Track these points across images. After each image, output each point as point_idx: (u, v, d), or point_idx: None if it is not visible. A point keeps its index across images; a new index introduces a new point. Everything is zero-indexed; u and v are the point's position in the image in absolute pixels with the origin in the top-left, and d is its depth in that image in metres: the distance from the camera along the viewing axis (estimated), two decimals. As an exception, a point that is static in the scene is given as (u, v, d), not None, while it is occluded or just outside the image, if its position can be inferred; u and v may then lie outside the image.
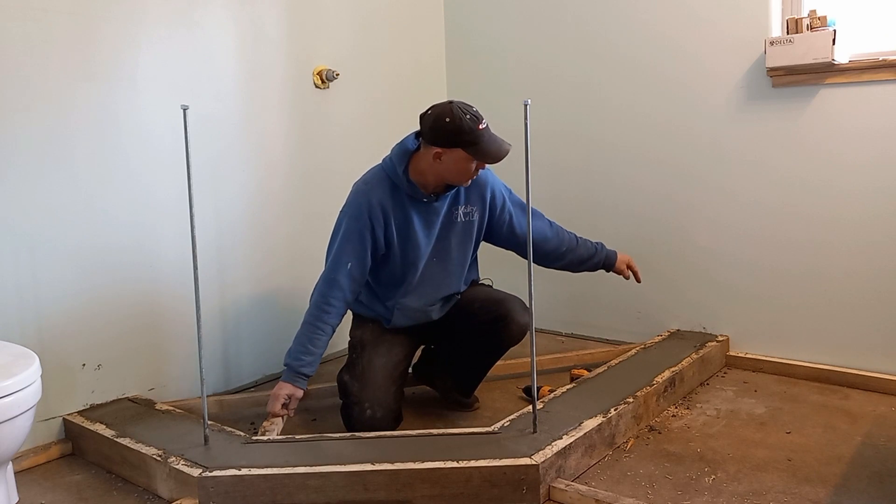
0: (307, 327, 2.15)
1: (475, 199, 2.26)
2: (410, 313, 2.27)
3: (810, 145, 2.56)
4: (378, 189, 2.19)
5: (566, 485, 1.79)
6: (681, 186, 2.85)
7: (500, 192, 2.31)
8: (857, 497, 1.78)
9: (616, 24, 2.95)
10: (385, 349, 2.24)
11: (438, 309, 2.30)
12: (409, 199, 2.19)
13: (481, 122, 2.07)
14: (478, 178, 2.22)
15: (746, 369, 2.71)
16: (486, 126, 2.08)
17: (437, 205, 2.21)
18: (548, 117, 3.11)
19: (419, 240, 2.21)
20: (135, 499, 1.90)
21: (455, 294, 2.32)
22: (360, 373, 2.20)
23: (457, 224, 2.25)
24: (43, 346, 2.12)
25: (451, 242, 2.26)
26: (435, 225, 2.23)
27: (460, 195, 2.24)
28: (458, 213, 2.24)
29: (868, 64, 2.42)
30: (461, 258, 2.29)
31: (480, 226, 2.30)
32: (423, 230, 2.22)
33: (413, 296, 2.26)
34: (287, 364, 2.14)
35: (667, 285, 2.93)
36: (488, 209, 2.28)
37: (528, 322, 2.26)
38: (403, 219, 2.20)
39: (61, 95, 2.16)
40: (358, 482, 1.75)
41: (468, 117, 2.05)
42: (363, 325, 2.33)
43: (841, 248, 2.54)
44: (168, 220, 2.43)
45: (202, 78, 2.52)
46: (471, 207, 2.26)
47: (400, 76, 3.24)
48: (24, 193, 2.10)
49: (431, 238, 2.23)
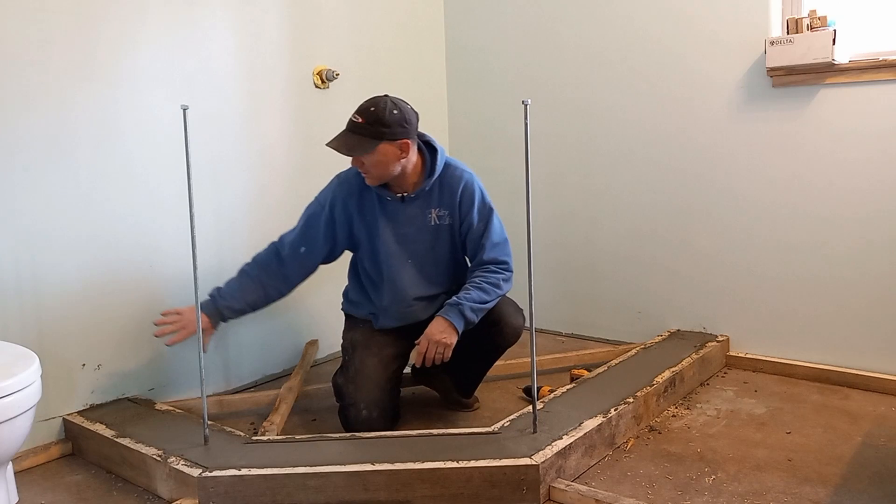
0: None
1: (447, 202, 2.23)
2: (393, 313, 2.27)
3: (810, 145, 2.56)
4: (347, 186, 2.24)
5: (566, 485, 1.79)
6: (681, 186, 2.85)
7: (468, 200, 2.22)
8: (857, 497, 1.78)
9: (615, 25, 2.95)
10: (377, 349, 2.24)
11: (423, 309, 2.27)
12: (378, 199, 2.22)
13: (356, 113, 2.09)
14: (450, 182, 2.21)
15: (746, 369, 2.71)
16: (357, 119, 2.08)
17: (408, 206, 2.21)
18: (547, 118, 3.11)
19: (387, 239, 2.22)
20: (135, 499, 1.90)
21: (440, 294, 2.28)
22: (354, 374, 2.20)
23: (430, 226, 2.23)
24: (43, 346, 2.12)
25: (426, 245, 2.24)
26: (406, 226, 2.22)
27: (433, 198, 2.22)
28: (433, 216, 2.22)
29: (868, 64, 2.42)
30: (440, 260, 2.27)
31: (455, 229, 2.25)
32: (393, 230, 2.22)
33: (390, 295, 2.26)
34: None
35: (667, 285, 2.93)
36: (458, 213, 2.23)
37: (521, 324, 2.27)
38: (372, 218, 2.22)
39: (61, 95, 2.16)
40: (358, 482, 1.75)
41: (361, 104, 2.10)
42: (354, 327, 2.34)
43: (841, 248, 2.54)
44: (168, 220, 2.43)
45: (202, 78, 2.52)
46: (444, 211, 2.23)
47: (400, 76, 3.24)
48: (24, 193, 2.10)
49: (403, 239, 2.23)
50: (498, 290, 2.17)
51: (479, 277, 2.17)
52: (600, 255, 3.10)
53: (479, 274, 2.18)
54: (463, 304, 2.10)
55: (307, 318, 2.91)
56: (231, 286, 2.24)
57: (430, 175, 2.19)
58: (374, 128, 2.06)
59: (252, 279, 2.24)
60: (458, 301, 2.11)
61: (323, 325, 2.92)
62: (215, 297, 2.21)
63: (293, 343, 2.88)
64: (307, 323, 2.92)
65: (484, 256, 2.20)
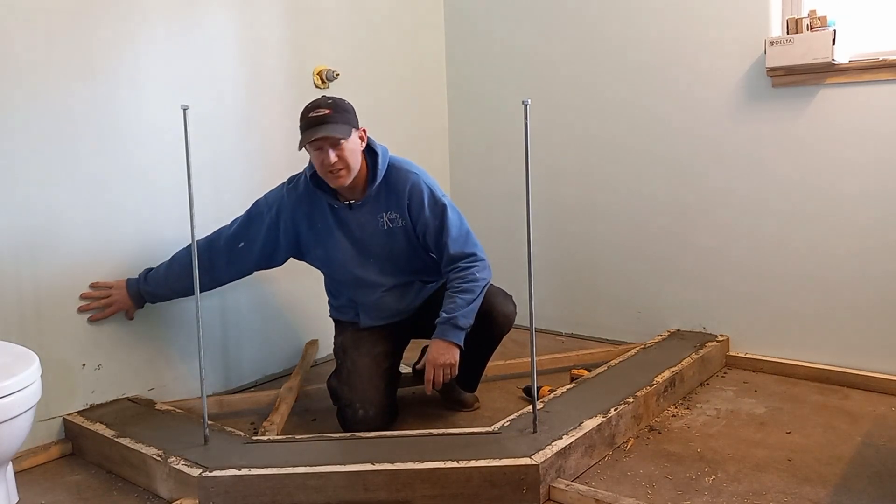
0: None
1: (395, 205, 2.20)
2: (370, 309, 2.28)
3: (810, 145, 2.56)
4: (296, 194, 2.24)
5: (566, 485, 1.79)
6: (680, 187, 2.85)
7: (417, 201, 2.18)
8: (857, 497, 1.78)
9: (615, 25, 2.95)
10: (367, 349, 2.24)
11: (398, 298, 2.26)
12: (329, 208, 2.22)
13: (318, 108, 2.05)
14: (396, 185, 2.18)
15: (746, 369, 2.71)
16: (323, 112, 2.04)
17: (357, 212, 2.20)
18: (547, 118, 3.12)
19: (344, 246, 2.22)
20: (135, 499, 1.90)
21: (413, 281, 2.28)
22: (347, 376, 2.20)
23: (383, 230, 2.22)
24: (43, 346, 2.12)
25: (383, 247, 2.23)
26: (359, 231, 2.21)
27: (381, 201, 2.20)
28: (384, 220, 2.21)
29: (868, 64, 2.42)
30: (402, 256, 2.25)
31: (409, 230, 2.22)
32: (348, 236, 2.22)
33: (360, 292, 2.28)
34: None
35: (667, 285, 2.93)
36: (409, 216, 2.21)
37: (513, 311, 2.28)
38: (325, 226, 2.23)
39: (61, 96, 2.16)
40: (358, 482, 1.75)
41: (310, 104, 2.08)
42: (343, 330, 2.35)
43: (841, 249, 2.54)
44: (168, 220, 2.43)
45: (202, 78, 2.52)
46: (394, 213, 2.20)
47: (400, 76, 3.24)
48: (24, 193, 2.10)
49: (360, 244, 2.23)
50: (477, 283, 2.15)
51: (455, 281, 2.15)
52: (600, 254, 3.10)
53: (453, 277, 2.17)
54: (454, 317, 2.09)
55: (307, 318, 2.91)
56: (159, 272, 2.28)
57: (374, 179, 2.17)
58: (343, 115, 2.07)
59: (182, 267, 2.22)
60: (448, 316, 2.10)
61: (323, 325, 2.91)
62: (140, 281, 2.26)
63: (293, 343, 2.89)
64: (307, 323, 2.92)
65: (450, 252, 2.18)
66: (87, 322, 2.22)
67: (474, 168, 3.43)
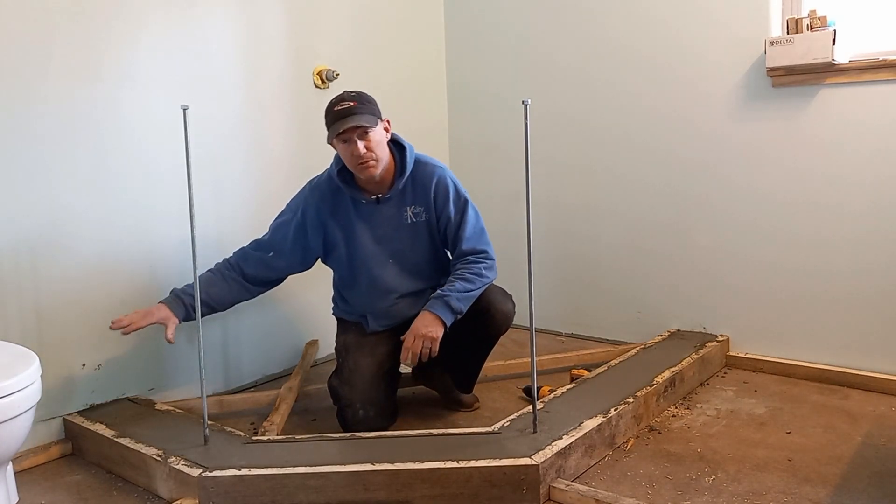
0: None
1: (421, 199, 2.22)
2: (380, 314, 2.27)
3: (810, 145, 2.56)
4: (319, 192, 2.24)
5: (566, 485, 1.79)
6: (680, 187, 2.85)
7: (442, 195, 2.22)
8: (857, 497, 1.78)
9: (615, 25, 2.94)
10: (369, 349, 2.24)
11: (409, 305, 2.26)
12: (352, 203, 2.21)
13: (342, 101, 2.07)
14: (423, 179, 2.20)
15: (746, 369, 2.71)
16: (348, 105, 2.06)
17: (383, 206, 2.21)
18: (547, 116, 3.11)
19: (365, 241, 2.22)
20: (135, 499, 1.90)
21: (426, 288, 2.27)
22: (348, 376, 2.20)
23: (408, 225, 2.23)
24: (43, 346, 2.12)
25: (405, 243, 2.24)
26: (383, 227, 2.22)
27: (406, 195, 2.22)
28: (408, 214, 2.22)
29: (868, 64, 2.41)
30: (421, 256, 2.27)
31: (433, 224, 2.25)
32: (370, 232, 2.22)
33: (374, 295, 2.26)
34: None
35: (667, 285, 2.93)
36: (434, 209, 2.23)
37: (511, 309, 2.28)
38: (347, 221, 2.22)
39: (61, 95, 2.16)
40: (358, 482, 1.75)
41: (334, 99, 2.10)
42: (346, 329, 2.34)
43: (841, 249, 2.53)
44: (168, 220, 2.43)
45: (202, 78, 2.52)
46: (419, 208, 2.22)
47: (400, 76, 3.24)
48: (24, 193, 2.10)
49: (382, 240, 2.23)
50: (481, 278, 2.16)
51: (461, 269, 2.17)
52: (600, 255, 3.10)
53: (460, 266, 2.19)
54: (448, 296, 2.10)
55: (307, 318, 2.91)
56: (199, 279, 2.24)
57: (402, 173, 2.19)
58: (368, 106, 2.09)
59: (215, 275, 2.24)
60: (442, 293, 2.11)
61: (323, 325, 2.91)
62: (175, 290, 2.22)
63: (293, 343, 2.89)
64: (307, 323, 2.92)
65: (462, 247, 2.20)
66: (110, 328, 2.13)
67: (474, 168, 3.42)
